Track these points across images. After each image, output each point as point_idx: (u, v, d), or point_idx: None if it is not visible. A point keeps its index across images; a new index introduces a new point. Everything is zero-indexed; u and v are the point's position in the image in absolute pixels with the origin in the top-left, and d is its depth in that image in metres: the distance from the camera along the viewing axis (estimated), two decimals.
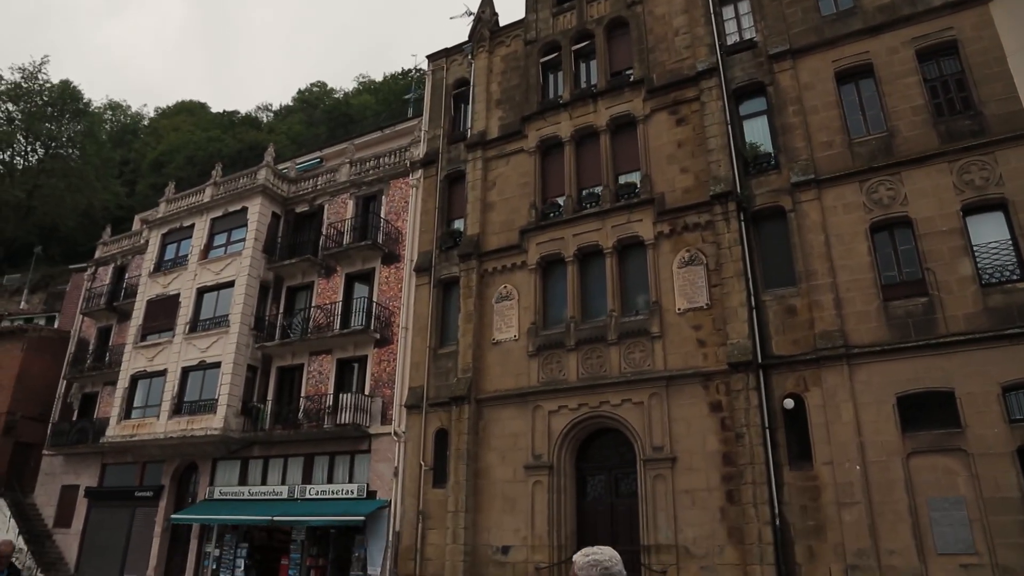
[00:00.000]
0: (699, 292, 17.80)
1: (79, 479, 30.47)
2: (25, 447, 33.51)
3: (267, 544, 24.29)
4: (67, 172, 62.86)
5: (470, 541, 18.64)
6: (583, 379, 18.52)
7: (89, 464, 30.25)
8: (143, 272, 30.83)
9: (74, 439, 30.43)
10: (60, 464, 31.58)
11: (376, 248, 24.25)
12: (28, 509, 31.32)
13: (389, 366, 22.67)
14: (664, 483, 16.73)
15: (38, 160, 65.43)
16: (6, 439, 33.16)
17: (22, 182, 62.99)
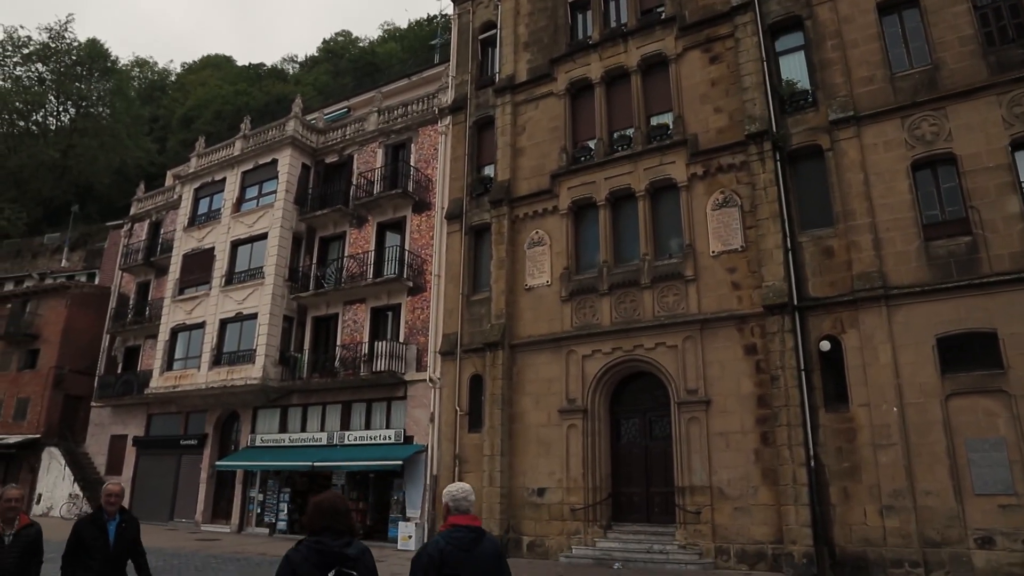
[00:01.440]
0: (733, 234, 17.55)
1: (126, 429, 31.51)
2: (74, 399, 34.71)
3: (308, 489, 24.89)
4: (99, 131, 63.55)
5: (506, 484, 18.98)
6: (616, 323, 18.51)
7: (135, 415, 31.23)
8: (178, 227, 31.27)
9: (120, 391, 31.39)
10: (108, 415, 32.64)
11: (407, 196, 24.25)
12: (81, 458, 32.58)
13: (423, 314, 22.87)
14: (698, 426, 16.79)
15: (70, 120, 66.18)
16: (56, 392, 34.35)
17: (56, 142, 63.82)
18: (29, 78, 65.48)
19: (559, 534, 17.96)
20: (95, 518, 6.33)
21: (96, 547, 6.17)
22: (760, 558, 15.31)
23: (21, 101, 64.78)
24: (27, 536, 5.95)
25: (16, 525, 5.91)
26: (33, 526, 6.05)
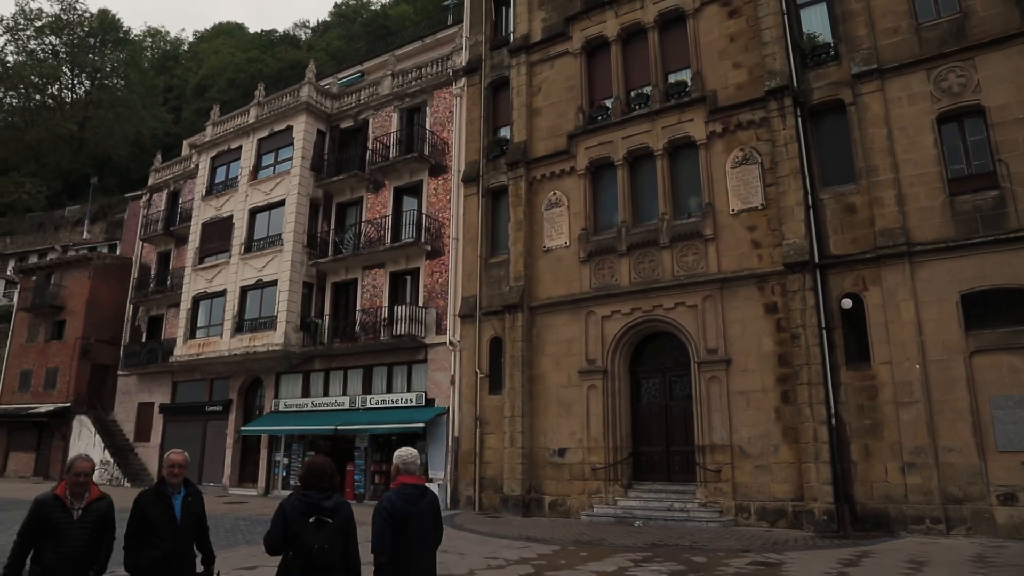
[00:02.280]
0: (754, 192, 17.36)
1: (153, 396, 32.06)
2: (101, 368, 35.31)
3: (332, 452, 25.23)
4: (114, 102, 63.73)
5: (527, 444, 19.16)
6: (636, 284, 18.46)
7: (161, 382, 31.74)
8: (196, 196, 31.41)
9: (145, 360, 31.87)
10: (134, 383, 33.20)
11: (423, 160, 24.16)
12: (110, 425, 33.24)
13: (441, 277, 22.93)
14: (719, 385, 16.80)
15: (85, 92, 66.37)
16: (83, 362, 34.94)
17: (72, 115, 64.11)
18: (43, 51, 65.63)
19: (580, 493, 18.15)
20: (159, 492, 5.72)
21: (162, 524, 5.58)
22: (780, 515, 15.40)
23: (36, 75, 64.98)
24: (97, 510, 5.51)
25: (86, 498, 5.48)
26: (104, 499, 5.60)
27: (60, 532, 5.26)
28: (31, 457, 35.75)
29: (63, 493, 5.40)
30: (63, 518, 5.32)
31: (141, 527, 5.56)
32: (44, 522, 5.28)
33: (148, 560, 5.48)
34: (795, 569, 10.63)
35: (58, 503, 5.36)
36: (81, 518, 5.39)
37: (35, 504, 5.35)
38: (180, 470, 5.78)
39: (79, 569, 5.32)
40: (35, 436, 35.78)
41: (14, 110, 66.14)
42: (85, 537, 5.37)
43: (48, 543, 5.24)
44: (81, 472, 5.46)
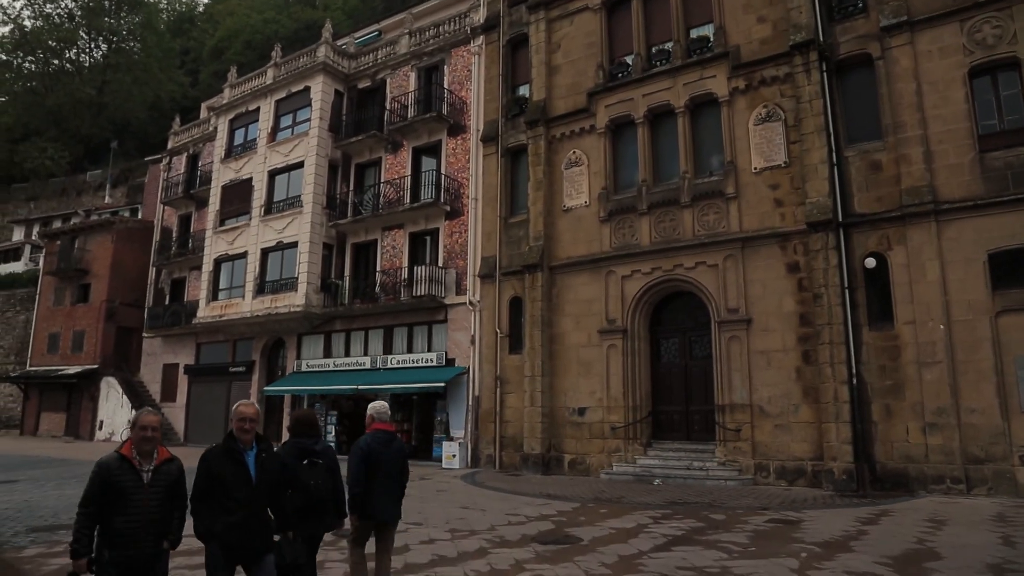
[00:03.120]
0: (777, 150, 17.08)
1: (177, 358, 32.56)
2: (127, 331, 35.89)
3: (354, 412, 25.60)
4: (131, 66, 63.72)
5: (547, 404, 19.29)
6: (656, 243, 18.35)
7: (185, 344, 32.20)
8: (215, 159, 31.47)
9: (169, 322, 32.31)
10: (159, 345, 33.71)
11: (441, 120, 23.98)
12: (137, 386, 33.88)
13: (461, 237, 22.92)
14: (739, 344, 16.74)
15: (102, 56, 66.38)
16: (109, 324, 35.52)
17: (90, 79, 64.22)
18: (59, 15, 65.52)
19: (600, 452, 18.29)
20: (229, 450, 5.05)
21: (236, 485, 4.94)
22: (800, 474, 15.44)
23: (53, 39, 64.96)
24: (169, 473, 4.80)
25: (155, 459, 4.77)
26: (174, 460, 4.88)
27: (129, 498, 4.58)
28: (62, 417, 36.60)
29: (130, 453, 4.69)
30: (132, 482, 4.63)
31: (212, 489, 4.94)
32: (111, 487, 4.57)
33: (223, 526, 4.86)
34: (814, 527, 10.68)
35: (126, 465, 4.65)
36: (152, 481, 4.69)
37: (99, 468, 4.61)
38: (251, 424, 5.13)
39: (152, 540, 4.68)
40: (65, 397, 36.59)
41: (33, 75, 66.30)
42: (157, 503, 4.69)
43: (116, 512, 4.55)
44: (148, 426, 4.75)
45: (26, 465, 21.34)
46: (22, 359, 40.71)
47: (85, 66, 67.03)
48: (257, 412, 5.28)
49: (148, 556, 4.67)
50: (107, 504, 4.57)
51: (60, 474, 18.77)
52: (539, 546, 9.37)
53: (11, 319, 43.60)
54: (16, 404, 40.32)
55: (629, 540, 9.78)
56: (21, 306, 43.13)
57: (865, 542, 9.48)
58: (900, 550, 8.92)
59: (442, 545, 9.40)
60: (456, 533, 10.28)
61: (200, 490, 4.99)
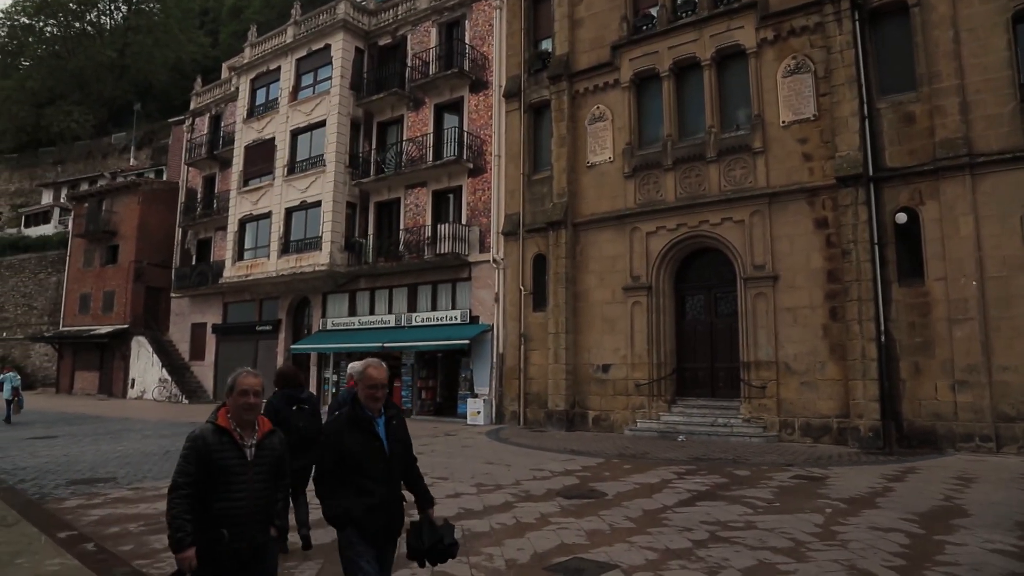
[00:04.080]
0: (806, 103, 16.67)
1: (205, 317, 33.03)
2: (155, 291, 36.41)
3: None
4: (152, 27, 63.65)
5: (571, 361, 19.33)
6: (681, 199, 18.11)
7: (212, 303, 32.62)
8: (237, 119, 31.47)
9: (196, 282, 32.71)
10: (187, 305, 34.19)
11: (463, 76, 23.69)
12: (166, 345, 34.50)
13: (484, 195, 22.81)
14: (765, 301, 16.59)
15: (123, 18, 66.34)
16: (137, 285, 36.05)
17: (111, 42, 64.25)
18: None
19: (624, 408, 18.35)
20: (357, 418, 4.16)
21: (371, 461, 4.10)
22: (825, 432, 15.39)
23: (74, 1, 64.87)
24: (272, 447, 4.00)
25: (258, 432, 3.97)
26: (276, 433, 4.10)
27: (232, 478, 3.78)
28: (95, 376, 37.44)
29: (228, 424, 3.88)
30: (235, 459, 3.82)
31: (342, 465, 4.08)
32: (211, 466, 3.75)
33: (362, 508, 4.04)
34: (839, 483, 10.66)
35: (225, 439, 3.83)
36: (256, 457, 3.89)
37: (193, 443, 3.80)
38: (382, 391, 4.24)
39: (258, 527, 3.90)
40: (97, 356, 37.39)
41: (56, 38, 66.51)
42: (262, 484, 3.90)
43: (216, 495, 3.76)
44: (251, 390, 3.90)
45: (63, 421, 21.91)
46: (55, 320, 41.59)
47: (106, 28, 67.02)
48: (386, 373, 4.30)
49: (257, 546, 3.89)
50: (206, 486, 3.75)
51: (95, 430, 19.25)
52: (564, 500, 9.46)
53: (43, 281, 44.43)
54: (51, 363, 41.30)
55: (653, 495, 9.84)
56: (52, 268, 43.89)
57: (891, 499, 9.45)
58: (927, 507, 8.88)
59: (468, 499, 9.53)
60: (482, 488, 10.40)
61: (325, 467, 4.11)
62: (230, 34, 62.68)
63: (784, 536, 7.40)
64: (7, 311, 45.39)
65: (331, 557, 5.94)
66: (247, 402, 3.88)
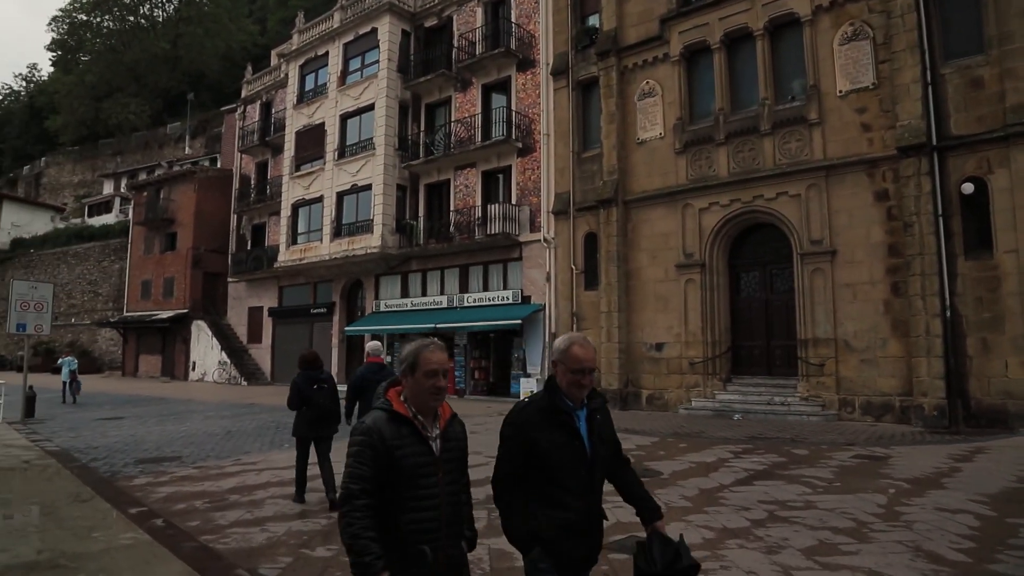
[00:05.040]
0: (864, 71, 16.10)
1: (261, 301, 33.78)
2: (213, 276, 37.36)
3: None
4: (202, 18, 64.95)
5: (624, 339, 19.22)
6: (734, 174, 17.75)
7: (268, 287, 33.32)
8: (287, 105, 31.90)
9: (251, 266, 33.43)
10: (244, 289, 35.00)
11: (510, 55, 23.54)
12: (225, 329, 35.43)
13: (533, 174, 22.72)
14: (823, 277, 16.19)
15: (174, 9, 67.87)
16: (196, 271, 37.01)
17: (164, 33, 65.81)
18: None
19: (678, 387, 18.19)
20: (552, 410, 3.13)
21: (569, 466, 3.11)
22: (886, 410, 15.00)
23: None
24: (458, 439, 3.05)
25: (441, 420, 3.01)
26: (457, 418, 3.11)
27: (419, 480, 2.84)
28: (158, 359, 38.70)
29: (407, 411, 2.90)
30: (421, 455, 2.86)
31: (529, 469, 3.09)
32: (392, 464, 2.79)
33: (555, 527, 3.07)
34: (902, 463, 10.37)
35: (405, 430, 2.86)
36: (443, 451, 2.95)
37: (367, 437, 2.79)
38: (589, 377, 3.14)
39: (452, 539, 2.96)
40: (160, 340, 38.62)
41: (112, 33, 68.38)
42: (453, 484, 2.97)
43: (400, 502, 2.82)
44: (440, 369, 2.90)
45: (129, 403, 22.72)
46: (119, 305, 43.04)
47: (159, 21, 68.67)
48: (595, 355, 3.26)
49: (454, 563, 2.96)
50: (388, 492, 2.80)
51: (160, 411, 19.91)
52: None
53: (107, 268, 45.97)
54: (117, 348, 42.81)
55: (710, 474, 9.74)
56: (115, 255, 45.37)
57: (958, 479, 9.16)
58: (997, 488, 8.59)
59: None
60: None
61: (510, 472, 3.13)
62: (278, 21, 63.42)
63: (845, 516, 7.25)
64: (74, 298, 47.13)
65: None
66: (435, 385, 2.88)
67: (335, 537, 6.61)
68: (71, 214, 60.39)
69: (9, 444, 13.19)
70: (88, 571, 5.67)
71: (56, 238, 51.69)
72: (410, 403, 2.92)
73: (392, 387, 3.01)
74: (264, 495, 8.63)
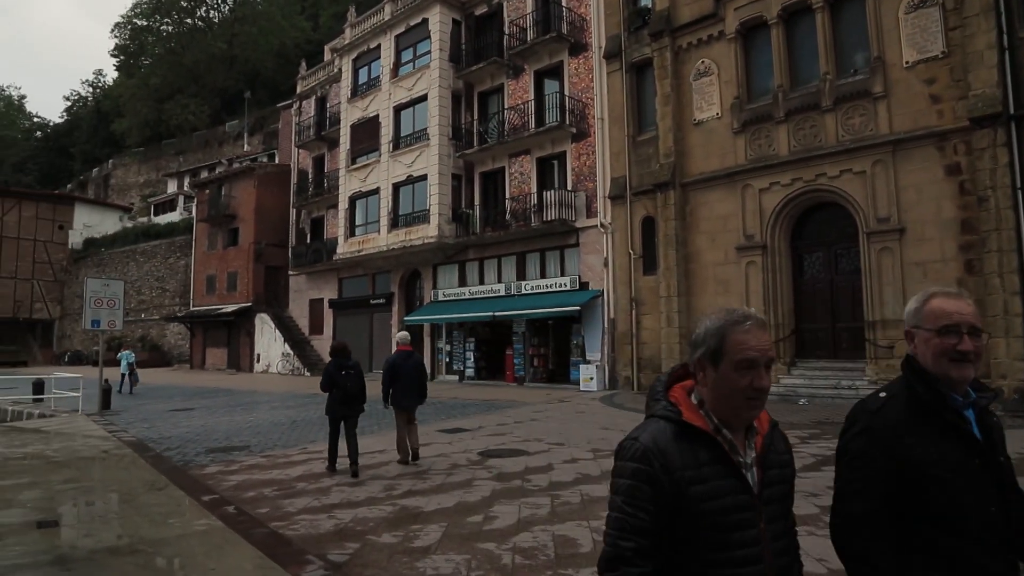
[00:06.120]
0: (932, 39, 15.41)
1: (321, 293, 34.41)
2: (274, 270, 38.24)
3: (491, 338, 26.33)
4: (256, 17, 66.37)
5: (684, 324, 18.92)
6: (795, 152, 17.24)
7: (327, 279, 33.92)
8: (342, 99, 32.28)
9: (311, 259, 34.07)
10: (304, 281, 35.70)
11: (561, 40, 23.32)
12: (287, 321, 36.21)
13: (589, 159, 22.51)
14: (891, 256, 15.62)
15: (229, 10, 69.45)
16: (258, 265, 37.90)
17: (221, 34, 67.51)
18: None
19: None
20: (928, 407, 2.02)
21: (965, 492, 1.93)
22: None
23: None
24: (782, 462, 1.94)
25: (759, 436, 1.91)
26: (778, 430, 2.02)
27: (731, 534, 1.78)
28: (223, 352, 39.81)
29: (705, 423, 1.87)
30: (733, 492, 1.81)
31: (907, 503, 1.98)
32: (689, 507, 1.76)
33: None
34: None
35: (708, 451, 1.83)
36: (765, 487, 1.87)
37: (641, 464, 1.79)
38: (974, 344, 2.00)
39: None
40: (225, 333, 39.71)
41: (171, 36, 70.48)
42: (781, 538, 1.88)
43: (698, 569, 1.77)
44: (760, 356, 1.83)
45: (198, 395, 23.42)
46: (185, 300, 44.39)
47: (215, 22, 70.43)
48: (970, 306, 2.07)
49: None
50: (679, 550, 1.79)
51: (227, 403, 20.46)
52: None
53: (173, 264, 47.44)
54: (185, 341, 44.18)
55: None
56: (180, 252, 46.77)
57: None
58: None
59: (585, 464, 9.52)
60: (598, 453, 10.37)
61: (869, 509, 2.01)
62: (330, 16, 64.23)
63: None
64: (144, 294, 48.79)
65: None
66: (754, 384, 1.83)
67: (401, 524, 6.69)
68: (138, 213, 62.54)
69: (89, 435, 13.75)
70: (165, 556, 5.87)
71: (125, 237, 53.59)
72: (710, 411, 1.88)
73: (676, 380, 2.00)
74: (330, 483, 8.78)
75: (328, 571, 5.33)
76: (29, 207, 55.01)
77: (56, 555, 5.87)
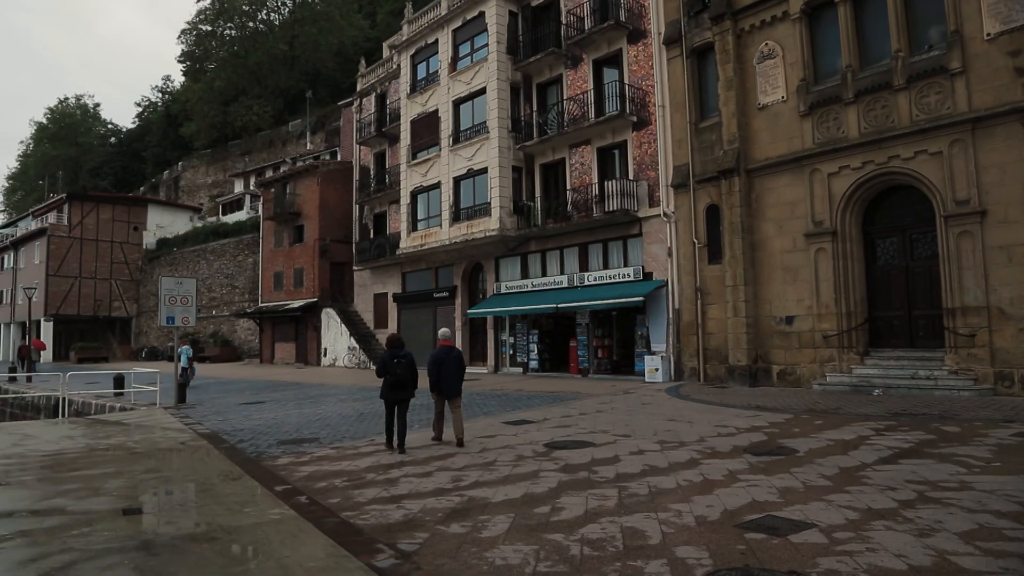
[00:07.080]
0: (1018, 8, 14.54)
1: (385, 287, 34.91)
2: (339, 265, 39.05)
3: (554, 330, 26.30)
4: (316, 17, 67.83)
5: (751, 313, 18.52)
6: (866, 134, 16.62)
7: (391, 274, 34.38)
8: (401, 95, 32.63)
9: (375, 254, 34.60)
10: (368, 276, 36.28)
11: (620, 27, 23.01)
12: (352, 315, 36.90)
13: (650, 148, 22.19)
14: (971, 240, 14.91)
15: (289, 12, 71.16)
16: (323, 261, 38.75)
17: (282, 35, 69.22)
18: None
19: (811, 362, 17.37)
20: None
21: None
22: None
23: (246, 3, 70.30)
24: None
25: None
26: None
27: None
28: (292, 346, 40.83)
29: None
30: None
31: None
32: None
33: None
34: None
35: None
36: None
37: None
38: None
39: None
40: (292, 328, 40.74)
41: (234, 40, 72.48)
42: None
43: None
44: None
45: (268, 388, 24.06)
46: (254, 297, 45.69)
47: (276, 24, 72.15)
48: None
49: None
50: None
51: (296, 396, 20.96)
52: (752, 457, 9.10)
53: (241, 262, 48.86)
54: (254, 337, 45.49)
55: (849, 452, 9.22)
56: (248, 250, 48.15)
57: None
58: None
59: (652, 456, 9.40)
60: (665, 444, 10.24)
61: None
62: (387, 13, 65.02)
63: (1008, 499, 6.64)
64: (214, 291, 50.42)
65: None
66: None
67: (469, 514, 6.73)
68: (207, 213, 64.69)
69: (167, 428, 14.29)
70: (241, 543, 6.04)
71: (195, 236, 55.50)
72: None
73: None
74: (398, 474, 8.88)
75: (399, 560, 5.39)
76: (106, 210, 57.63)
77: (141, 540, 6.10)
